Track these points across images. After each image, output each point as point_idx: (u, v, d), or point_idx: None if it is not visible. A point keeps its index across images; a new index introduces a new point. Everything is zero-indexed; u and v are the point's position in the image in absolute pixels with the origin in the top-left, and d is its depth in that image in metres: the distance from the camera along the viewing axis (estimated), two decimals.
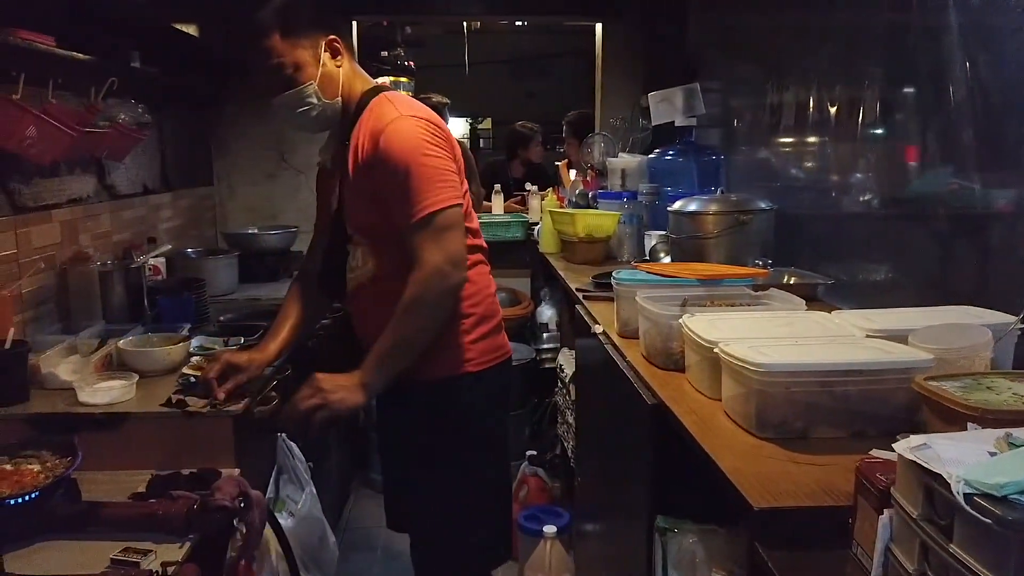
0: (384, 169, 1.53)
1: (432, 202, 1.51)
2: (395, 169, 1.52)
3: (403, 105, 1.60)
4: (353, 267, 1.70)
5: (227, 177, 3.79)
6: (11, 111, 1.89)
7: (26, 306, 2.02)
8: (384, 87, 1.70)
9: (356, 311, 1.78)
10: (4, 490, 1.39)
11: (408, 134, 1.53)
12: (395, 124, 1.54)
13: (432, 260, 1.51)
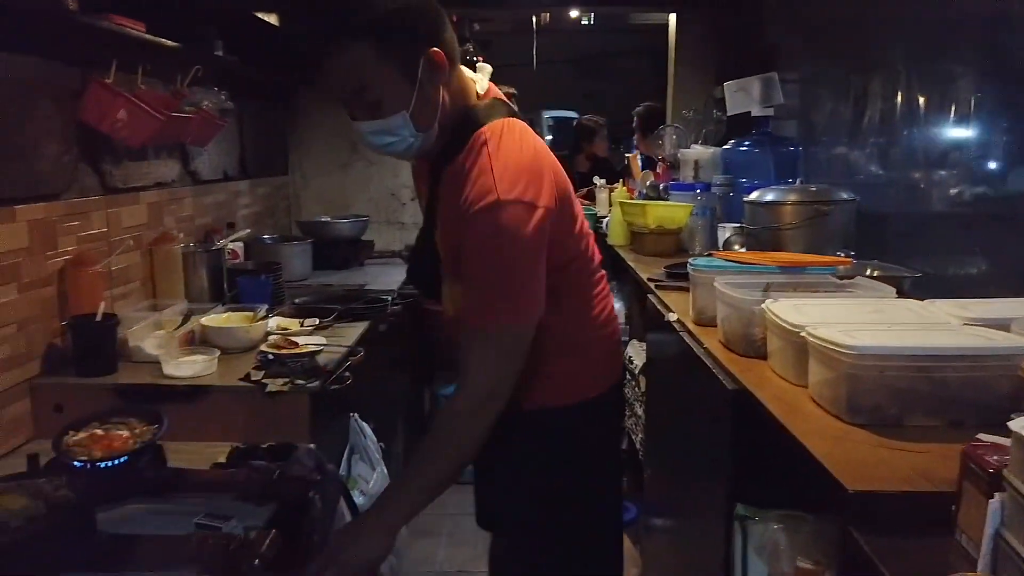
0: (467, 247, 1.29)
1: (501, 316, 1.29)
2: (477, 259, 1.28)
3: (509, 177, 1.26)
4: (447, 296, 1.48)
5: (301, 167, 3.87)
6: (104, 94, 1.97)
7: (115, 283, 2.10)
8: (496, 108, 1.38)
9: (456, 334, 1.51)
10: (96, 453, 1.45)
11: (501, 228, 1.24)
12: (491, 213, 1.24)
13: (479, 381, 1.30)
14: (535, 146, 1.34)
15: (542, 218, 1.27)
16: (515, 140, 1.31)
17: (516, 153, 1.29)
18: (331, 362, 1.96)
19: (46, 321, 1.81)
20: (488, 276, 1.28)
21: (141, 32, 2.00)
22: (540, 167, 1.30)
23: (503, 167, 1.26)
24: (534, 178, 1.28)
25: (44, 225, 1.80)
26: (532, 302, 1.30)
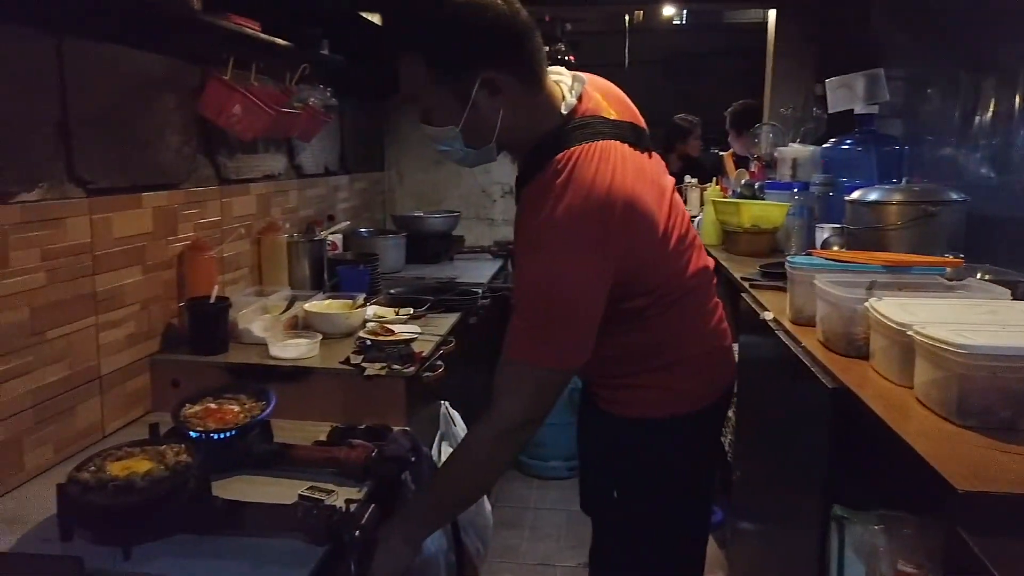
0: (520, 279, 1.27)
1: (541, 357, 1.24)
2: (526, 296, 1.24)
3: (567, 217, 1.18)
4: None
5: (397, 164, 3.98)
6: (222, 89, 2.09)
7: (227, 268, 2.22)
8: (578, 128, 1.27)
9: None
10: (210, 425, 1.54)
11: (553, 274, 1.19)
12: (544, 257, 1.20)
13: (508, 413, 1.26)
14: (611, 179, 1.20)
15: (601, 263, 1.21)
16: (588, 173, 1.20)
17: (584, 191, 1.18)
18: (424, 350, 2.02)
19: (166, 302, 1.94)
20: (534, 315, 1.23)
21: (257, 31, 2.11)
22: (611, 204, 1.19)
23: (566, 208, 1.18)
24: (598, 220, 1.19)
25: (166, 212, 1.93)
26: (575, 350, 1.25)
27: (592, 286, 1.22)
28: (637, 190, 1.23)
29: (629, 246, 1.23)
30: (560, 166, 1.22)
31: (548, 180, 1.22)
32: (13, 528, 1.32)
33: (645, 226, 1.26)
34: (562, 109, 1.29)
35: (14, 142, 1.47)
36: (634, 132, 1.34)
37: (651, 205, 1.27)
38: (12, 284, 1.43)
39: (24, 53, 1.49)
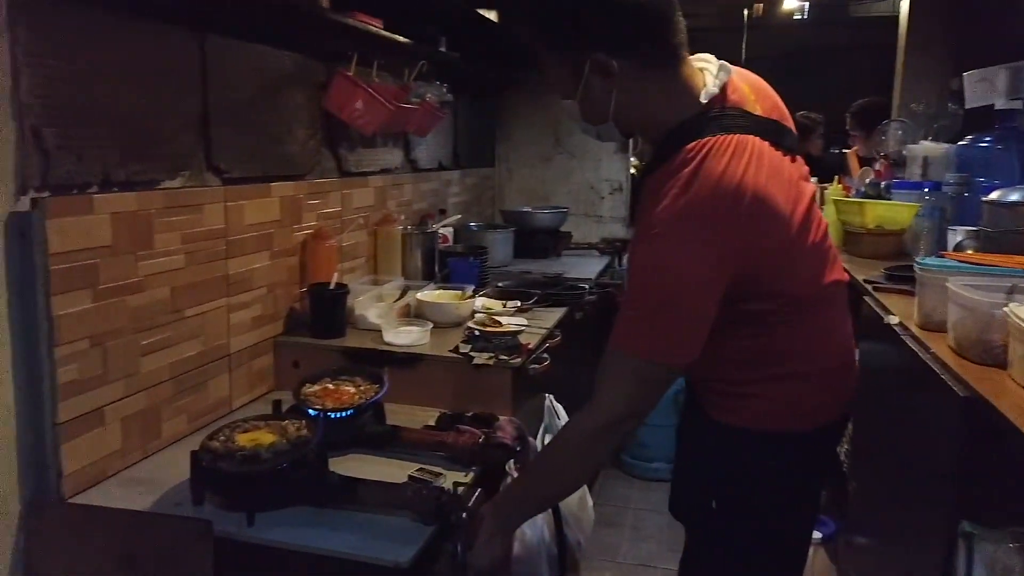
0: (632, 267, 1.24)
1: (646, 349, 1.20)
2: (637, 285, 1.22)
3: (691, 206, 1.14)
4: None
5: (507, 159, 4.03)
6: (346, 85, 2.17)
7: (345, 257, 2.32)
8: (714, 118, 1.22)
9: None
10: (328, 404, 1.61)
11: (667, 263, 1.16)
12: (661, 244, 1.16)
13: (609, 405, 1.24)
14: (743, 174, 1.15)
15: (719, 258, 1.16)
16: (719, 165, 1.15)
17: (712, 182, 1.14)
18: (531, 343, 2.04)
19: (289, 287, 2.04)
20: (643, 305, 1.20)
21: (379, 29, 2.19)
22: (738, 199, 1.14)
23: (691, 198, 1.14)
24: (724, 214, 1.15)
25: (292, 202, 2.03)
26: (683, 345, 1.20)
27: (707, 281, 1.17)
28: (769, 189, 1.17)
29: (753, 245, 1.18)
30: (690, 155, 1.17)
31: (675, 169, 1.17)
32: (151, 490, 1.42)
33: (774, 227, 1.20)
34: (701, 98, 1.23)
35: (161, 133, 1.59)
36: (778, 131, 1.27)
37: (782, 206, 1.20)
38: (156, 264, 1.54)
39: (172, 50, 1.61)
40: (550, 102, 3.86)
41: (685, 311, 1.19)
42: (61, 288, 1.32)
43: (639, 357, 1.21)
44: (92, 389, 1.40)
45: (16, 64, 1.26)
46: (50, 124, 1.32)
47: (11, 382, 1.29)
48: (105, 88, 1.43)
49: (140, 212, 1.49)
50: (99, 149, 1.43)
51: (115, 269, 1.43)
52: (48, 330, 1.30)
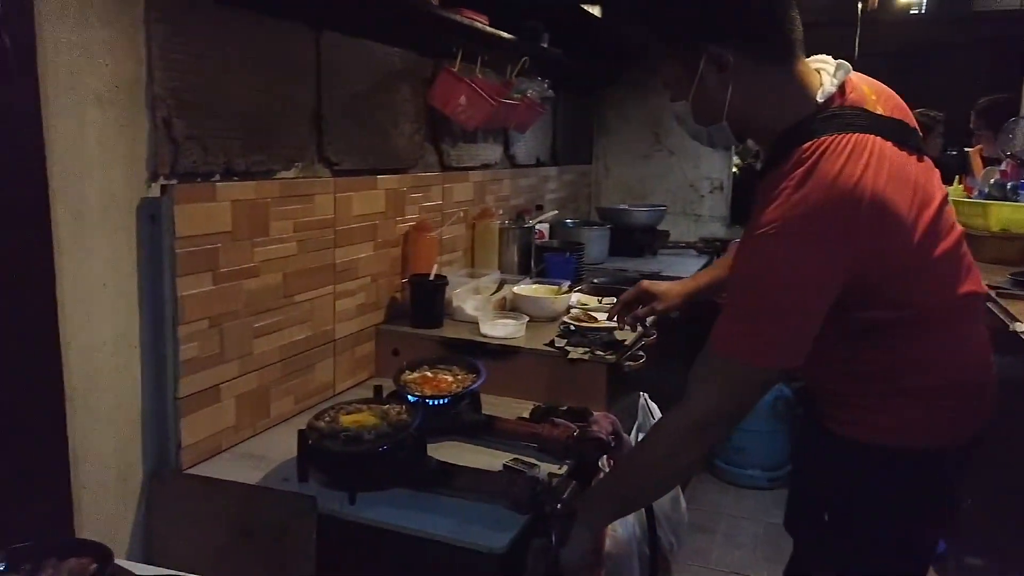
0: (736, 266, 1.22)
1: (742, 351, 1.16)
2: (739, 285, 1.21)
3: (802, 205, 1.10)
4: None
5: (604, 156, 4.01)
6: (450, 80, 2.22)
7: (444, 249, 2.36)
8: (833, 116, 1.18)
9: None
10: (426, 391, 1.65)
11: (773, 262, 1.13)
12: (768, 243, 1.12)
13: (701, 408, 1.21)
14: (860, 175, 1.10)
15: (830, 262, 1.11)
16: (835, 166, 1.11)
17: (827, 183, 1.10)
18: (626, 339, 2.02)
19: (391, 277, 2.10)
20: (745, 306, 1.17)
21: (485, 25, 2.22)
22: (856, 201, 1.09)
23: (803, 198, 1.10)
24: (838, 216, 1.10)
25: (396, 194, 2.09)
26: (784, 350, 1.16)
27: (815, 285, 1.13)
28: (888, 191, 1.11)
29: (869, 249, 1.12)
30: (805, 155, 1.13)
31: (789, 169, 1.14)
32: (260, 465, 1.49)
33: (894, 232, 1.13)
34: (818, 97, 1.19)
35: (279, 126, 1.66)
36: (902, 130, 1.21)
37: (904, 210, 1.14)
38: (271, 251, 1.61)
39: (291, 46, 1.69)
40: (651, 98, 3.82)
41: (789, 315, 1.14)
42: (186, 270, 1.40)
43: (737, 359, 1.17)
44: (210, 367, 1.48)
45: (151, 59, 1.34)
46: (180, 116, 1.41)
47: (139, 357, 1.38)
48: (230, 82, 1.51)
49: (258, 200, 1.56)
50: (223, 140, 1.51)
51: (234, 254, 1.51)
52: (174, 310, 1.39)
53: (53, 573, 0.85)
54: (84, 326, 1.27)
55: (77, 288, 1.25)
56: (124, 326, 1.35)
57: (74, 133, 1.22)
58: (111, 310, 1.32)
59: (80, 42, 1.21)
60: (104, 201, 1.29)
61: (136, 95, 1.33)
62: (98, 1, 1.24)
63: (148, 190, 1.37)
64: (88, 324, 1.28)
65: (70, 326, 1.24)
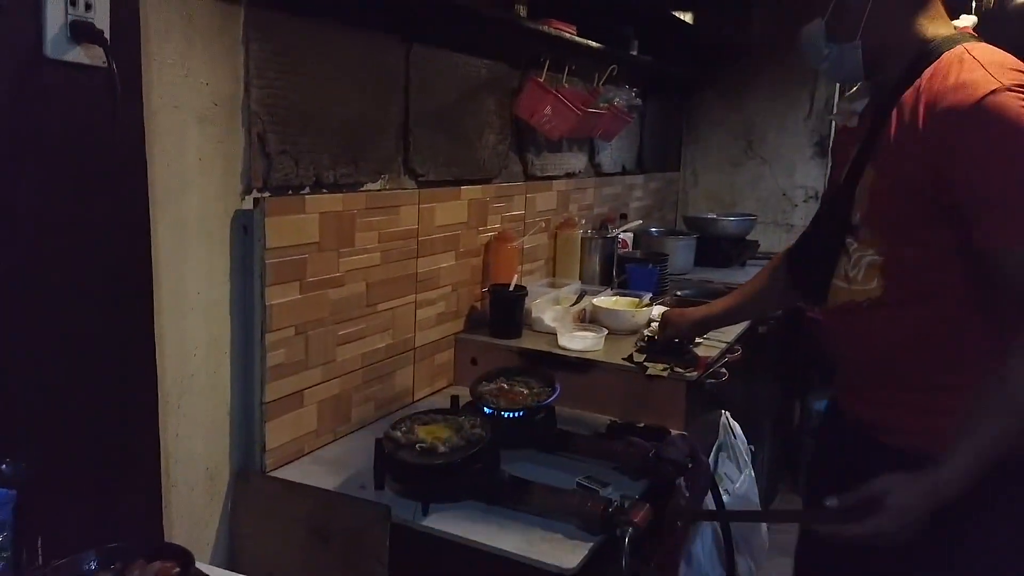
0: (967, 158, 1.10)
1: None
2: (991, 164, 1.08)
3: (999, 70, 1.10)
4: (846, 276, 1.29)
5: (693, 163, 3.93)
6: (536, 90, 2.22)
7: (526, 259, 2.37)
8: (965, 36, 1.21)
9: (838, 329, 1.37)
10: (502, 403, 1.66)
11: (1017, 119, 1.06)
12: (995, 101, 1.06)
13: None
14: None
15: None
16: (994, 49, 1.16)
17: (1001, 55, 1.14)
18: (709, 356, 1.98)
19: (471, 286, 2.12)
20: (1010, 183, 1.07)
21: (573, 35, 2.21)
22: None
23: (992, 62, 1.12)
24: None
25: (479, 204, 2.11)
26: None
27: None
28: None
29: None
30: (957, 54, 1.16)
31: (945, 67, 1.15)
32: (339, 470, 1.54)
33: None
34: (951, 26, 1.23)
35: (367, 139, 1.71)
36: None
37: None
38: (356, 261, 1.66)
39: (381, 60, 1.73)
40: (743, 104, 3.72)
41: None
42: (275, 280, 1.45)
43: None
44: (295, 373, 1.54)
45: (248, 77, 1.40)
46: (274, 131, 1.46)
47: (229, 363, 1.44)
48: (322, 97, 1.56)
49: (344, 212, 1.61)
50: (314, 154, 1.56)
51: (320, 264, 1.56)
52: (263, 317, 1.44)
53: (140, 574, 0.90)
54: (179, 332, 1.34)
55: (174, 296, 1.32)
56: (217, 332, 1.42)
57: (176, 150, 1.29)
58: (204, 317, 1.39)
59: (183, 62, 1.28)
60: (201, 213, 1.35)
61: (233, 112, 1.39)
62: (200, 22, 1.31)
63: (242, 203, 1.43)
64: (183, 330, 1.34)
65: (167, 332, 1.31)
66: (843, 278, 1.30)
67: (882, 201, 1.22)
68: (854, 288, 1.28)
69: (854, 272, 1.28)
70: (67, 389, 1.09)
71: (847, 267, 1.29)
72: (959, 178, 1.11)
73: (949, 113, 1.11)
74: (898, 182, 1.19)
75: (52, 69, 0.99)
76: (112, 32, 1.05)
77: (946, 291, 1.19)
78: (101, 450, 1.13)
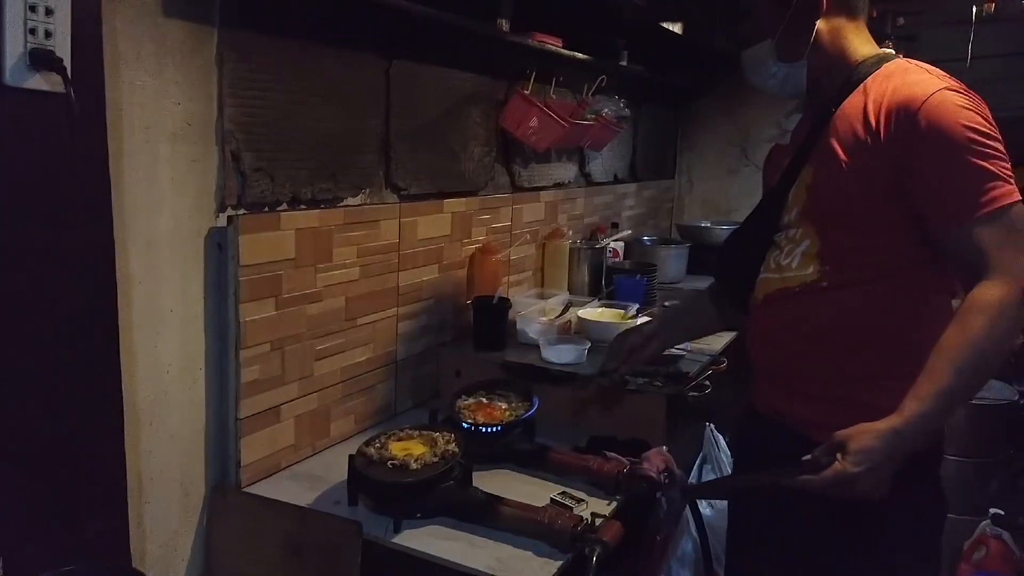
0: (926, 148, 1.17)
1: (1004, 193, 1.14)
2: (948, 150, 1.16)
3: (940, 75, 1.24)
4: (778, 267, 1.34)
5: (688, 171, 3.93)
6: (521, 103, 2.22)
7: (512, 270, 2.37)
8: (894, 55, 1.33)
9: (764, 323, 1.39)
10: (479, 418, 1.67)
11: (963, 112, 1.17)
12: (941, 97, 1.17)
13: (1017, 266, 1.12)
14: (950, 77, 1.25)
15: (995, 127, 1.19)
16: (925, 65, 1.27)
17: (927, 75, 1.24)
18: (693, 368, 1.97)
19: (455, 298, 2.12)
20: (965, 165, 1.15)
21: (559, 47, 2.22)
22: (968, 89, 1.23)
23: (931, 70, 1.25)
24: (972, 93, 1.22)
25: (463, 217, 2.11)
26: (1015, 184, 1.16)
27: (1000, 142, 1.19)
28: None
29: None
30: (890, 70, 1.27)
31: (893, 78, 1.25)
32: (316, 485, 1.54)
33: None
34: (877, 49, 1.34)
35: (346, 154, 1.71)
36: None
37: None
38: (334, 276, 1.67)
39: (361, 76, 1.74)
40: (739, 111, 3.71)
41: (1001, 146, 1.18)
42: (249, 296, 1.46)
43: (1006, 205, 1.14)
44: (271, 389, 1.55)
45: (221, 96, 1.41)
46: (248, 148, 1.47)
47: (204, 379, 1.45)
48: (298, 114, 1.57)
49: (321, 228, 1.62)
50: (290, 170, 1.57)
51: (296, 280, 1.57)
52: (237, 334, 1.45)
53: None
54: (152, 350, 1.35)
55: (146, 314, 1.33)
56: (191, 349, 1.43)
57: (146, 170, 1.30)
58: (178, 334, 1.40)
59: (155, 84, 1.29)
60: (174, 231, 1.37)
61: (207, 131, 1.40)
62: (172, 44, 1.32)
63: (216, 220, 1.44)
64: (156, 348, 1.35)
65: (139, 349, 1.32)
66: (774, 269, 1.36)
67: (821, 194, 1.29)
68: (787, 276, 1.33)
69: (787, 260, 1.33)
70: (29, 410, 1.10)
71: (779, 259, 1.35)
72: (916, 164, 1.19)
73: (903, 107, 1.19)
74: (842, 174, 1.25)
75: (12, 96, 1.00)
76: (74, 57, 1.06)
77: (887, 276, 1.24)
78: (66, 471, 1.14)
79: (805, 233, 1.31)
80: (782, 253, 1.35)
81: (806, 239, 1.31)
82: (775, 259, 1.36)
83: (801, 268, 1.31)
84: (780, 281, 1.34)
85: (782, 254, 1.35)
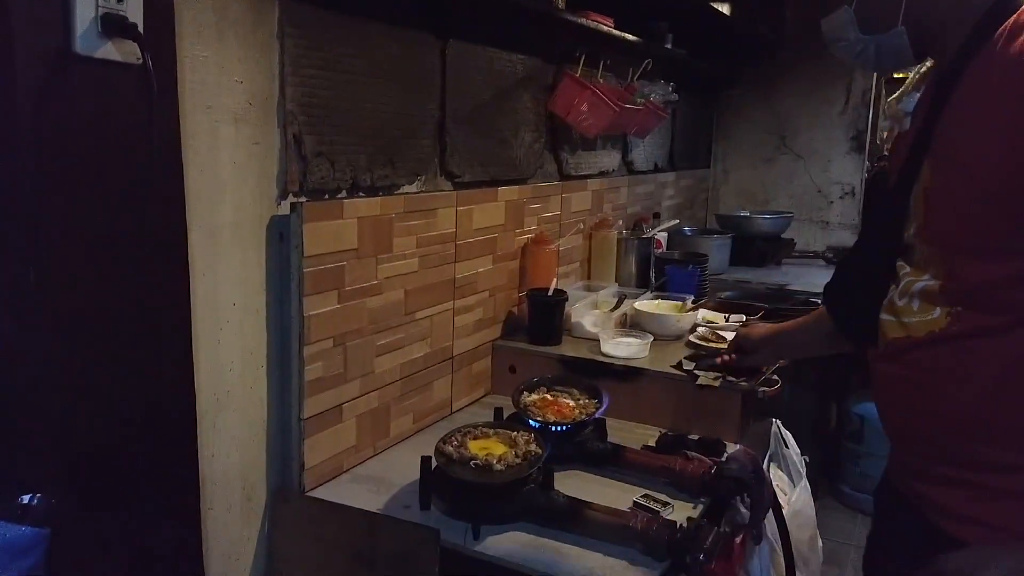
0: None
1: None
2: None
3: None
4: (891, 307, 1.07)
5: (724, 160, 3.82)
6: (572, 86, 2.13)
7: (561, 261, 2.28)
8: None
9: (885, 380, 1.11)
10: (549, 416, 1.57)
11: None
12: None
13: None
14: None
15: None
16: None
17: None
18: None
19: (508, 291, 2.03)
20: None
21: (610, 28, 2.12)
22: None
23: None
24: None
25: (516, 206, 2.02)
26: None
27: None
28: None
29: None
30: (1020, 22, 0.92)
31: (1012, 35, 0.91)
32: (381, 488, 1.45)
33: None
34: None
35: (404, 139, 1.62)
36: None
37: None
38: (393, 267, 1.57)
39: (418, 57, 1.64)
40: (775, 99, 3.61)
41: None
42: (313, 289, 1.37)
43: None
44: (333, 387, 1.45)
45: (283, 75, 1.32)
46: (310, 131, 1.38)
47: (265, 377, 1.36)
48: (358, 95, 1.48)
49: (383, 217, 1.53)
50: (350, 155, 1.48)
51: (358, 272, 1.48)
52: (300, 329, 1.36)
53: None
54: (215, 346, 1.26)
55: (209, 308, 1.24)
56: (252, 346, 1.34)
57: (209, 153, 1.21)
58: (240, 329, 1.31)
59: (216, 59, 1.20)
60: (235, 219, 1.27)
61: (268, 111, 1.31)
62: (233, 17, 1.22)
63: (278, 208, 1.35)
64: (218, 343, 1.26)
65: (202, 346, 1.23)
66: (890, 310, 1.07)
67: (941, 204, 0.99)
68: (906, 322, 1.03)
69: (903, 301, 1.04)
70: (98, 412, 1.01)
71: (894, 296, 1.06)
72: None
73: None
74: (966, 177, 0.94)
75: (82, 67, 0.90)
76: (146, 26, 0.97)
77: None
78: (136, 477, 1.05)
79: (926, 258, 1.01)
80: (897, 289, 1.05)
81: (929, 267, 1.01)
82: (895, 297, 1.06)
83: (924, 312, 1.01)
84: (899, 328, 1.05)
85: (898, 290, 1.05)
